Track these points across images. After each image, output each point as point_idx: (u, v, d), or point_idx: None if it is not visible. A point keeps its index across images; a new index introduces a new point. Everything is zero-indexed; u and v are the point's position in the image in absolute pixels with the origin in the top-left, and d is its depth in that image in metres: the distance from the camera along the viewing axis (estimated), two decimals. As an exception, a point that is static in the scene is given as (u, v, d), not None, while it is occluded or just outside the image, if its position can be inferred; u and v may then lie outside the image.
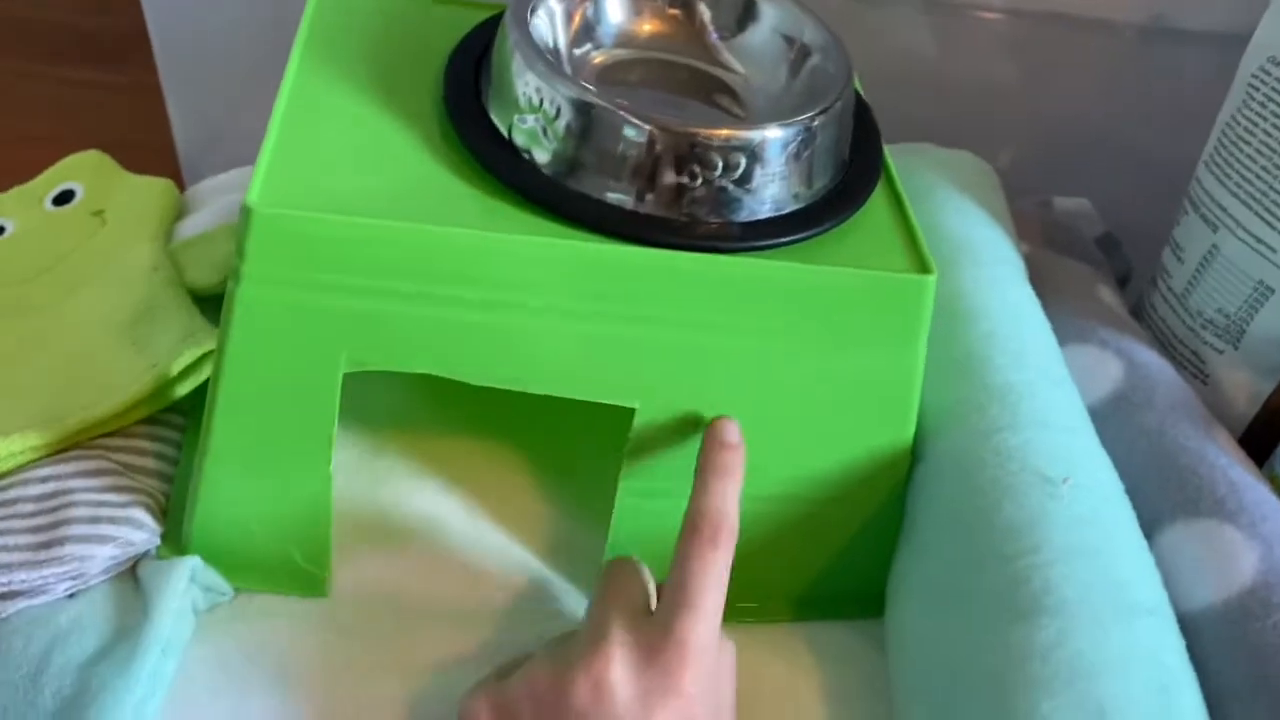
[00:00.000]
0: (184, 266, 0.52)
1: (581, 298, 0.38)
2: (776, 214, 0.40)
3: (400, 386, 0.49)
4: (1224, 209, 0.50)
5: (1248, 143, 0.49)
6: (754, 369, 0.40)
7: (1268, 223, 0.48)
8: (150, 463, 0.45)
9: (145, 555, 0.43)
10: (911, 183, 0.51)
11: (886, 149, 0.45)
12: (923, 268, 0.39)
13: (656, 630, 0.34)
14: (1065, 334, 0.50)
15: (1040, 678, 0.35)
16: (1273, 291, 0.48)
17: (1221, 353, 0.50)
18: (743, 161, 0.38)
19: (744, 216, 0.39)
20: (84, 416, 0.45)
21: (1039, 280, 0.53)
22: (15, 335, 0.51)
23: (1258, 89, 0.49)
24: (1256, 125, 0.49)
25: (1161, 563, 0.42)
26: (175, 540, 0.43)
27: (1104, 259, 0.58)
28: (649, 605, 0.37)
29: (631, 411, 0.40)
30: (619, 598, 0.36)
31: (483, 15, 0.45)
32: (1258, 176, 0.48)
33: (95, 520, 0.42)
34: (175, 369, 0.46)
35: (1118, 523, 0.40)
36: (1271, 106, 0.48)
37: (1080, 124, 0.69)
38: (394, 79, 0.42)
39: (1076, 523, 0.39)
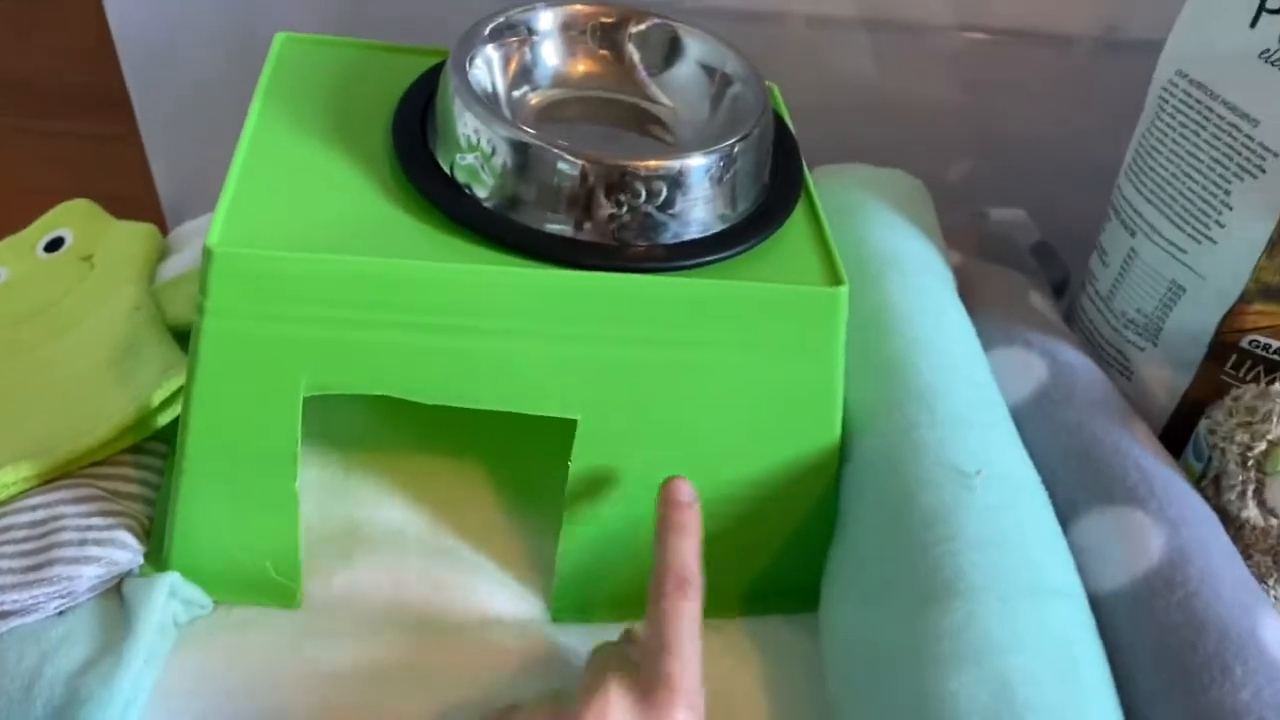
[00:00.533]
0: (165, 305, 0.56)
1: (522, 319, 0.41)
2: (703, 235, 0.43)
3: (369, 409, 0.52)
4: (1140, 215, 0.53)
5: (1160, 152, 0.52)
6: (685, 379, 0.43)
7: (1178, 226, 0.51)
8: (135, 488, 0.49)
9: (130, 573, 0.46)
10: (843, 200, 0.54)
11: (810, 171, 0.48)
12: (835, 280, 0.42)
13: (646, 675, 0.37)
14: (993, 337, 0.53)
15: (950, 656, 0.38)
16: (1184, 290, 0.50)
17: (1142, 350, 0.53)
18: (667, 189, 0.42)
19: (672, 239, 0.42)
20: (72, 447, 0.48)
21: (971, 288, 0.56)
22: (9, 374, 0.54)
23: (1168, 100, 0.52)
24: (1167, 135, 0.52)
25: (1077, 548, 0.44)
26: (157, 558, 0.46)
27: (1037, 266, 0.61)
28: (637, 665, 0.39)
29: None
30: (611, 659, 0.39)
31: (431, 62, 0.49)
32: (1168, 183, 0.51)
33: (83, 543, 0.45)
34: (156, 400, 0.49)
35: (1030, 511, 0.43)
36: (1180, 117, 0.51)
37: (1031, 136, 0.72)
38: (348, 124, 0.46)
39: (989, 511, 0.42)
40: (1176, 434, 0.51)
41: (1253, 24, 0.48)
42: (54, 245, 0.63)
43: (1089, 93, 0.69)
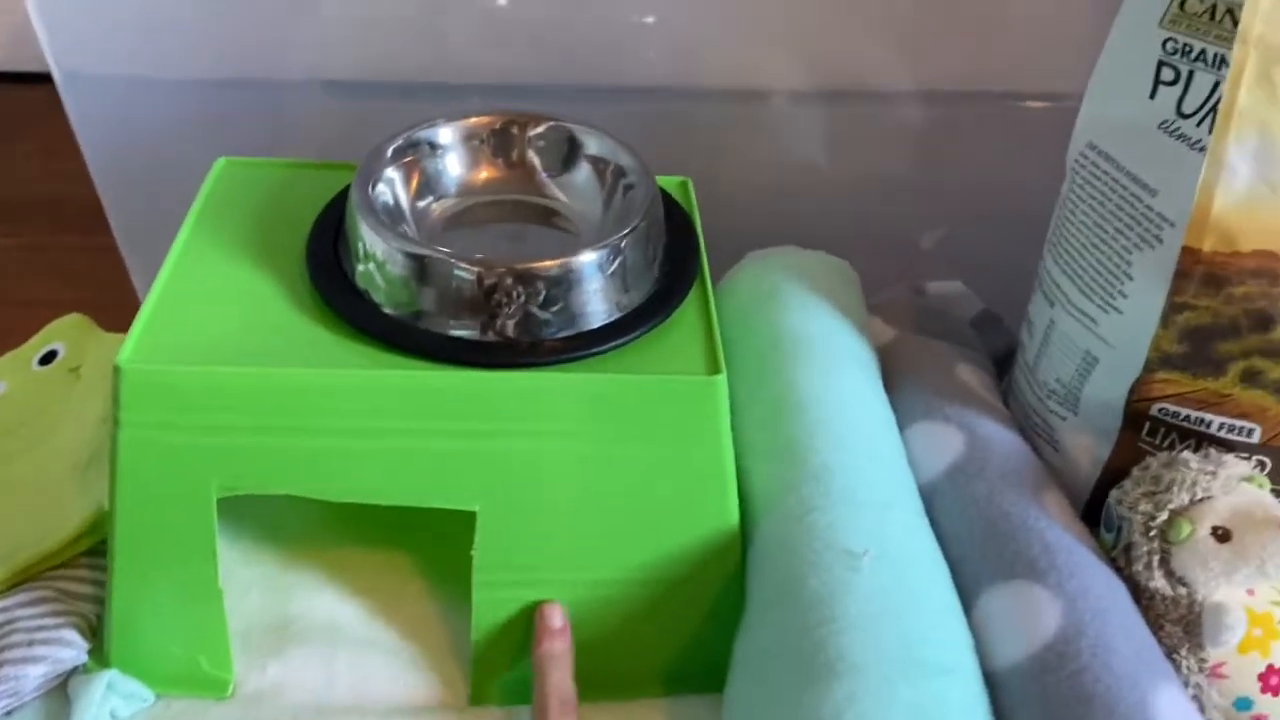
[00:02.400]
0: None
1: (415, 419, 0.43)
2: (595, 326, 0.45)
3: (305, 509, 0.55)
4: (1057, 285, 0.54)
5: (1071, 223, 0.53)
6: (577, 468, 0.44)
7: (1088, 296, 0.51)
8: (87, 589, 0.52)
9: (75, 670, 0.49)
10: (765, 285, 0.56)
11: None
12: (714, 369, 0.44)
13: None
14: (915, 412, 0.53)
15: (829, 737, 0.39)
16: (1097, 360, 0.51)
17: (1065, 419, 0.53)
18: (559, 285, 0.44)
19: (566, 332, 0.45)
20: (33, 552, 0.52)
21: (900, 362, 0.57)
22: (-8, 483, 0.58)
23: (1078, 172, 0.53)
24: (1079, 206, 0.53)
25: (979, 624, 0.45)
26: (101, 655, 0.49)
27: (976, 338, 0.61)
28: None
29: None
30: None
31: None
32: (1079, 254, 0.52)
33: (30, 643, 0.48)
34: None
35: (921, 589, 0.44)
36: (1089, 189, 0.52)
37: (982, 203, 0.73)
38: (271, 241, 0.49)
39: (876, 593, 0.42)
40: (1101, 503, 0.51)
41: (1152, 95, 0.49)
42: (48, 359, 0.68)
43: (1042, 154, 0.70)
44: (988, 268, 0.69)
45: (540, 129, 0.50)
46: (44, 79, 0.68)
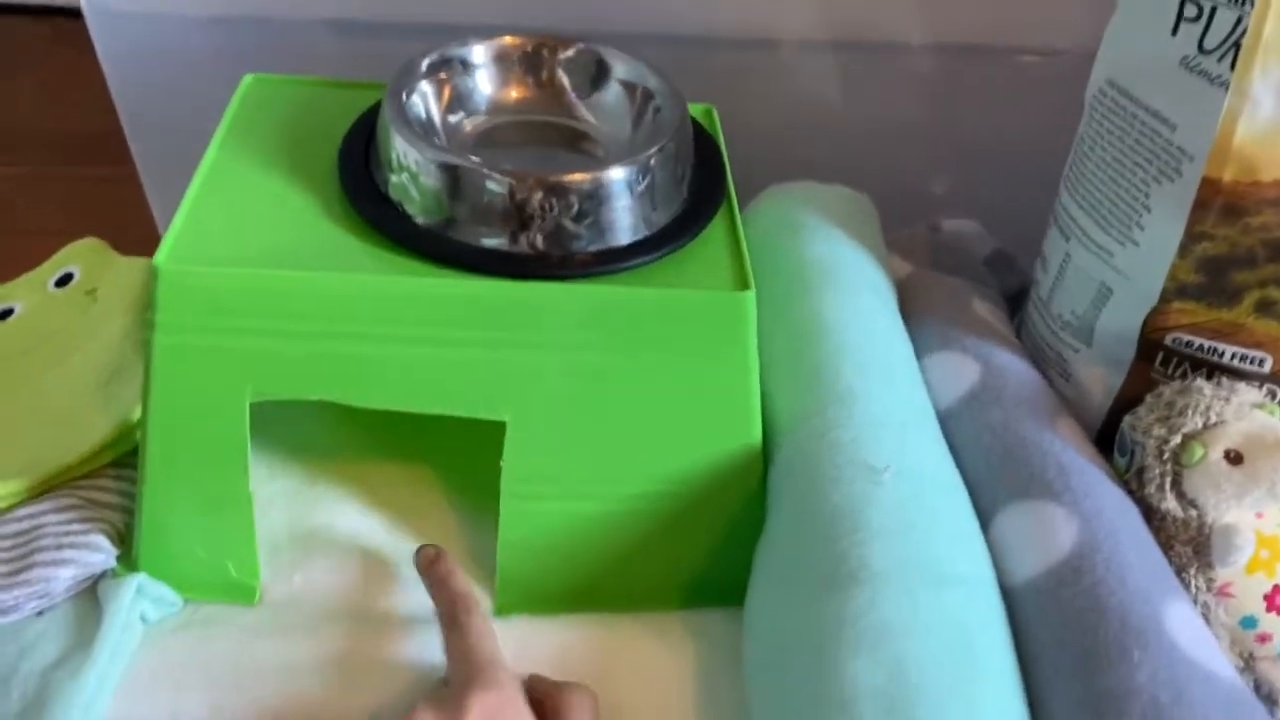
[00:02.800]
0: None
1: (448, 328, 0.44)
2: (625, 243, 0.46)
3: (333, 422, 0.56)
4: (1074, 220, 0.54)
5: (1090, 158, 0.54)
6: (606, 382, 0.45)
7: (1104, 230, 0.52)
8: (113, 498, 0.52)
9: (105, 575, 0.49)
10: (788, 217, 0.57)
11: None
12: (743, 285, 0.44)
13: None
14: (932, 343, 0.54)
15: (850, 641, 0.40)
16: (1112, 292, 0.52)
17: (1078, 351, 0.54)
18: (589, 200, 0.44)
19: (595, 247, 0.45)
20: (57, 463, 0.52)
21: (916, 297, 0.58)
22: (12, 400, 0.59)
23: (1098, 108, 0.54)
24: (1097, 142, 0.53)
25: (995, 542, 0.46)
26: (130, 561, 0.49)
27: (990, 275, 0.62)
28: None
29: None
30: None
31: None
32: (1097, 189, 0.53)
33: (60, 547, 0.49)
34: (135, 417, 0.53)
35: (941, 504, 0.45)
36: (1108, 124, 0.53)
37: (997, 147, 0.73)
38: (302, 154, 0.49)
39: (897, 507, 0.43)
40: (1113, 432, 0.52)
41: (1174, 31, 0.50)
42: (64, 281, 0.68)
43: (1055, 103, 0.71)
44: (998, 212, 0.70)
45: (570, 52, 0.51)
46: (47, 12, 0.68)
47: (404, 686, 0.46)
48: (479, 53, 0.50)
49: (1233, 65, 0.46)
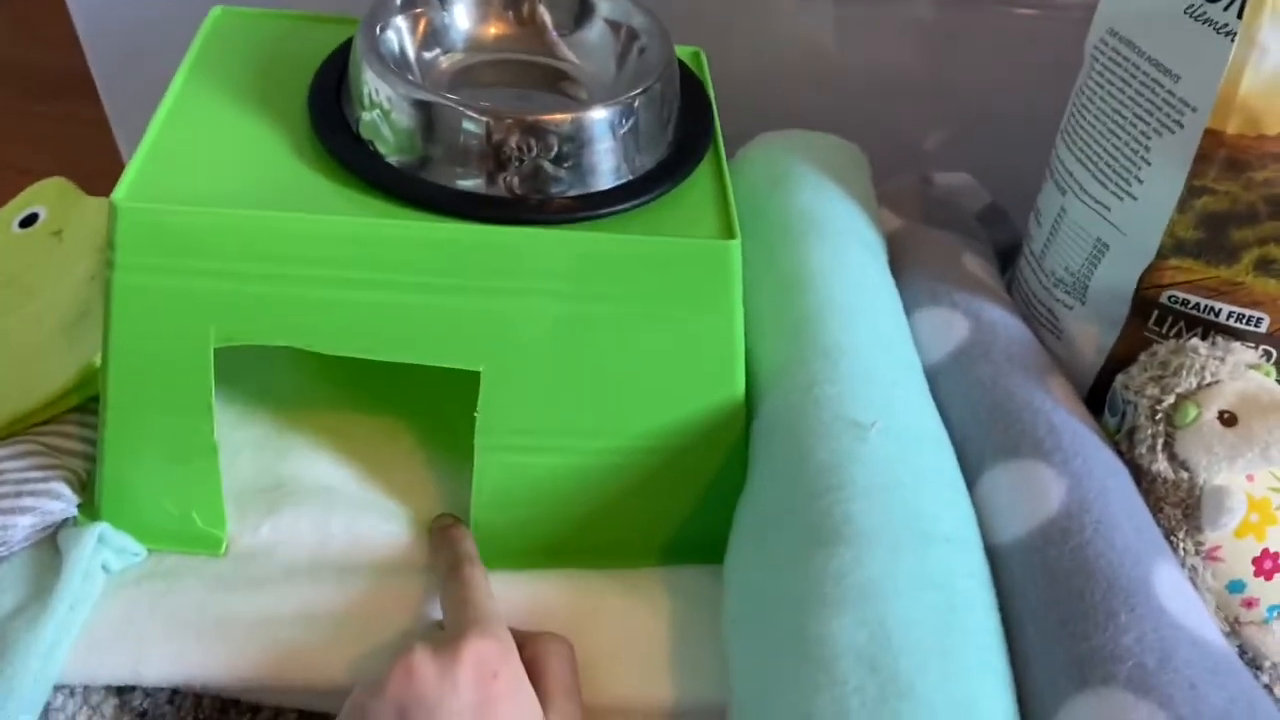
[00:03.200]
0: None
1: (420, 273, 0.42)
2: (605, 188, 0.44)
3: (302, 371, 0.54)
4: (1070, 173, 0.53)
5: (1089, 110, 0.52)
6: (584, 331, 0.44)
7: (1102, 183, 0.50)
8: (75, 444, 0.51)
9: (65, 524, 0.48)
10: (777, 166, 0.55)
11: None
12: (728, 234, 0.43)
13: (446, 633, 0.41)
14: (921, 298, 0.53)
15: (833, 598, 0.39)
16: (1108, 247, 0.50)
17: (1071, 308, 0.53)
18: (569, 142, 0.43)
19: (575, 191, 0.43)
20: (16, 408, 0.51)
21: (906, 251, 0.57)
22: (-25, 343, 0.57)
23: (1098, 59, 0.52)
24: (1096, 94, 0.52)
25: (982, 500, 0.45)
26: (92, 510, 0.48)
27: (981, 229, 0.60)
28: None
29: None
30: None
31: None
32: (1095, 141, 0.51)
33: (19, 494, 0.47)
34: (98, 361, 0.51)
35: (929, 463, 0.43)
36: (1108, 75, 0.51)
37: (993, 101, 0.72)
38: (270, 90, 0.47)
39: (882, 463, 0.42)
40: (1104, 391, 0.51)
41: (1179, -21, 0.48)
42: (28, 221, 0.66)
43: (1052, 59, 0.69)
44: (993, 168, 0.69)
45: (553, -15, 0.49)
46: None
47: (373, 638, 0.45)
48: (457, -14, 0.48)
49: (1239, 14, 0.44)
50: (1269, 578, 0.45)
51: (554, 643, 0.42)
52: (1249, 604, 0.45)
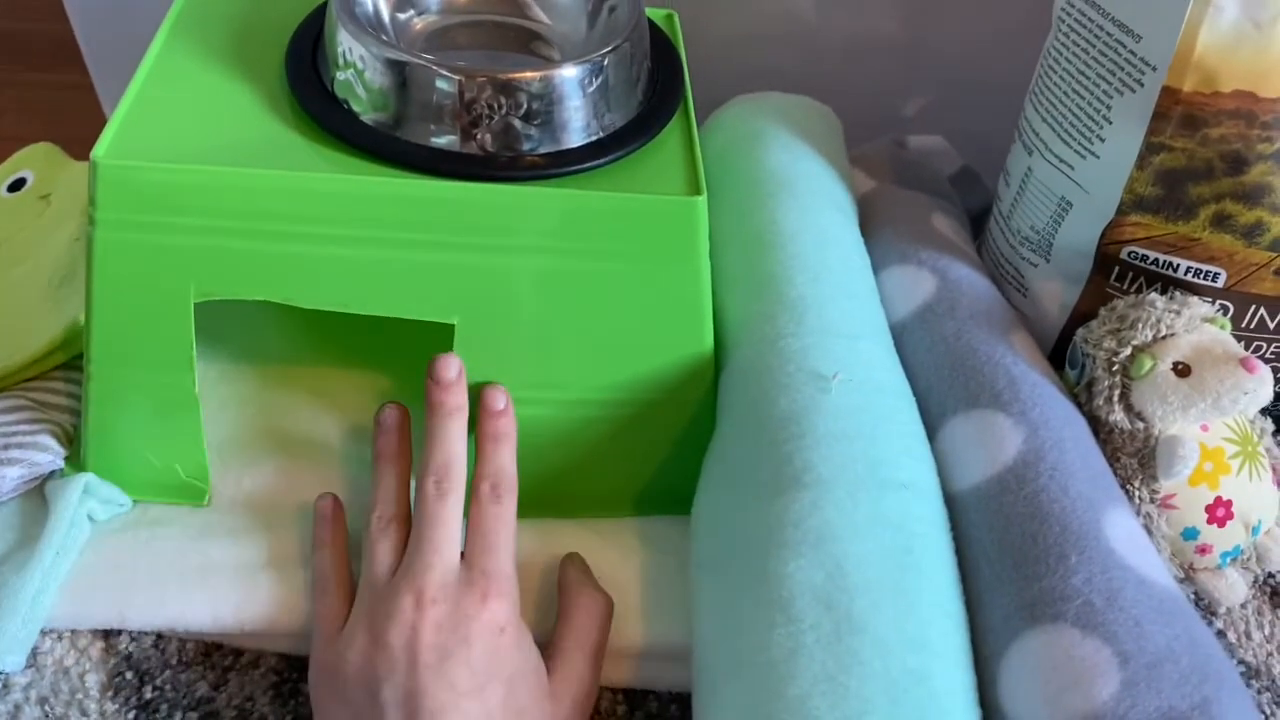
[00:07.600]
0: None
1: (394, 228, 0.43)
2: (576, 144, 0.45)
3: (285, 327, 0.55)
4: (1037, 134, 0.54)
5: (1055, 71, 0.53)
6: (555, 286, 0.45)
7: (1066, 143, 0.51)
8: (62, 400, 0.52)
9: (52, 475, 0.49)
10: (750, 127, 0.56)
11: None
12: (695, 190, 0.44)
13: (467, 568, 0.42)
14: (889, 256, 0.54)
15: (791, 541, 0.40)
16: (1071, 205, 0.51)
17: (1036, 266, 0.54)
18: (539, 100, 0.43)
19: (546, 148, 0.44)
20: (4, 365, 0.52)
21: (877, 211, 0.58)
22: (-36, 304, 0.58)
23: (1064, 20, 0.53)
24: (1062, 55, 0.53)
25: (943, 450, 0.46)
26: (79, 463, 0.49)
27: (952, 192, 0.61)
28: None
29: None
30: None
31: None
32: (1060, 101, 0.52)
33: (7, 447, 0.48)
34: (84, 320, 0.52)
35: (889, 414, 0.45)
36: (1074, 37, 0.52)
37: (970, 66, 0.72)
38: (248, 50, 0.48)
39: (844, 413, 0.43)
40: (1067, 347, 0.52)
41: (1144, -59, 0.49)
42: (16, 186, 0.67)
43: (1027, 24, 0.70)
44: (967, 133, 0.70)
45: (525, -54, 0.49)
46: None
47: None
48: (431, -53, 0.48)
49: (1198, -29, 0.45)
50: (1221, 525, 0.46)
51: (589, 598, 0.44)
52: (1203, 550, 0.47)
